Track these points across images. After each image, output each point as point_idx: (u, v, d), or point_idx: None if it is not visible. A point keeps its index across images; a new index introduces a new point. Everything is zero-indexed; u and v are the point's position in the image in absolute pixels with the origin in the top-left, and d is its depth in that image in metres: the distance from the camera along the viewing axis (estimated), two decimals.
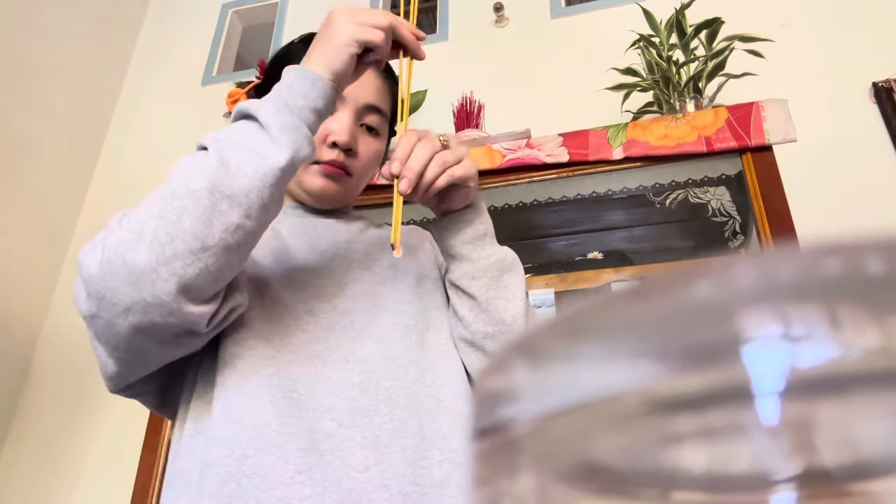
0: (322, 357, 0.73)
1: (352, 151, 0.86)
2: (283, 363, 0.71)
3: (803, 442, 0.12)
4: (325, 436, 0.67)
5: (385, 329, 0.79)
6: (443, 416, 0.74)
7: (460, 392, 0.77)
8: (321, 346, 0.74)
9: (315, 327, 0.76)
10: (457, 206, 0.82)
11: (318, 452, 0.65)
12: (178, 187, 0.63)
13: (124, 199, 2.31)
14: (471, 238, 0.82)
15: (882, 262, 0.10)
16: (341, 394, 0.71)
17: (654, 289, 0.12)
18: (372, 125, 0.89)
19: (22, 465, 1.96)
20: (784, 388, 0.11)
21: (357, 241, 0.90)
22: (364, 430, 0.69)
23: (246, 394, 0.67)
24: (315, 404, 0.69)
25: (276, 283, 0.78)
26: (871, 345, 0.11)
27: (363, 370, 0.73)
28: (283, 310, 0.75)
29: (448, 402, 0.75)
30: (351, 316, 0.78)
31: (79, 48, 2.43)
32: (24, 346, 2.08)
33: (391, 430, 0.70)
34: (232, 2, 2.71)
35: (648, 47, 1.56)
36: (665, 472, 0.13)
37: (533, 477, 0.14)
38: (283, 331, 0.74)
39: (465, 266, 0.81)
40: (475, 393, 0.15)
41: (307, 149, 0.66)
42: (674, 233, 1.61)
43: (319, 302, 0.78)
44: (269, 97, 0.68)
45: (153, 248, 0.59)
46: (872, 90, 1.72)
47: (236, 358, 0.69)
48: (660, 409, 0.12)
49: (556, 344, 0.14)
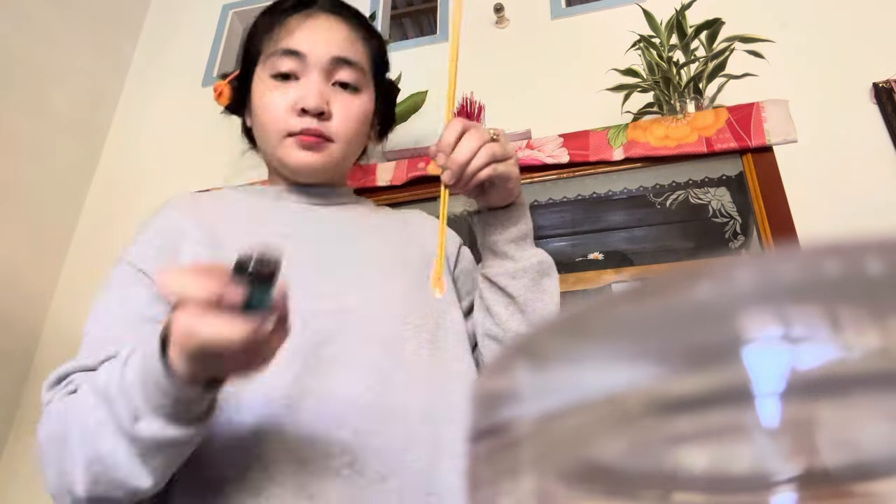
0: (331, 361, 0.69)
1: (325, 114, 0.80)
2: (292, 370, 0.66)
3: (804, 443, 0.12)
4: (340, 450, 0.64)
5: (396, 330, 0.75)
6: (455, 420, 0.71)
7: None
8: (330, 349, 0.70)
9: (322, 328, 0.71)
10: (496, 203, 0.78)
11: (333, 471, 0.62)
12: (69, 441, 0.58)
13: (125, 200, 2.31)
14: (515, 236, 0.79)
15: (882, 262, 0.10)
16: (353, 401, 0.67)
17: (654, 290, 0.12)
18: (346, 81, 0.83)
19: (23, 466, 1.96)
20: (784, 389, 0.11)
21: (362, 232, 0.86)
22: (378, 437, 0.65)
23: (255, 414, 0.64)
24: (328, 412, 0.66)
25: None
26: (871, 346, 0.11)
27: (374, 374, 0.70)
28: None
29: (460, 406, 0.72)
30: (357, 315, 0.74)
31: (79, 49, 2.43)
32: (26, 346, 2.08)
33: (404, 437, 0.67)
34: (232, 2, 2.71)
35: (649, 48, 1.56)
36: (666, 473, 0.13)
37: (534, 478, 0.14)
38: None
39: (506, 264, 0.79)
40: (475, 393, 0.15)
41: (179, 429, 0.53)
42: (674, 233, 1.61)
43: (324, 301, 0.73)
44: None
45: (51, 482, 0.58)
46: (873, 91, 1.72)
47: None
48: (661, 410, 0.12)
49: (556, 345, 0.14)
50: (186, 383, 0.50)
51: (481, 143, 0.70)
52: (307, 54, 0.80)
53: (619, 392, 0.13)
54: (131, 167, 2.42)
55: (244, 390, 0.65)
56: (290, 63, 0.81)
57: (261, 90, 0.83)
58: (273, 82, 0.82)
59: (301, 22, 0.83)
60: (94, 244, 2.28)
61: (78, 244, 2.30)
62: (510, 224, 0.79)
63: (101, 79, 2.53)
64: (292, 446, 0.63)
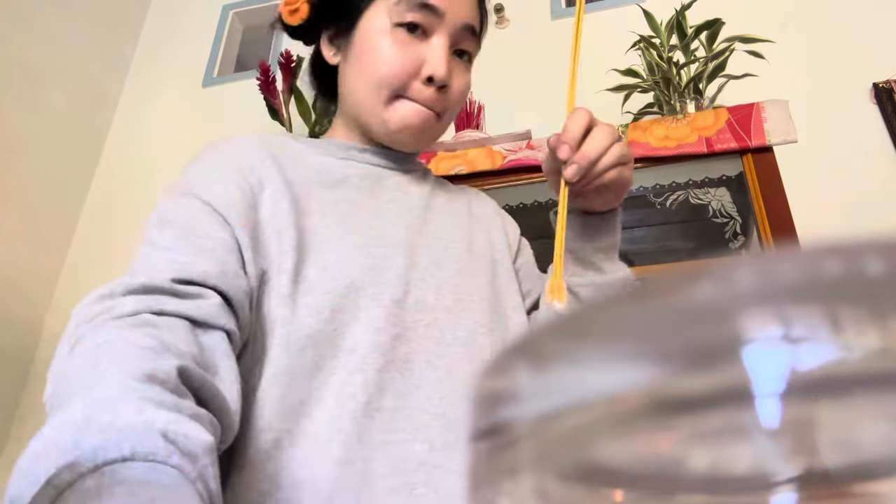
0: (406, 362, 0.61)
1: (445, 87, 0.72)
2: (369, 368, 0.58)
3: (804, 443, 0.12)
4: (417, 464, 0.56)
5: (470, 330, 0.67)
6: None
7: None
8: (405, 347, 0.62)
9: (399, 321, 0.63)
10: (599, 208, 0.72)
11: (409, 487, 0.55)
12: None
13: (125, 200, 2.31)
14: (605, 246, 0.73)
15: (882, 263, 0.10)
16: (430, 408, 0.59)
17: (654, 290, 0.12)
18: (467, 50, 0.75)
19: None
20: (785, 389, 0.11)
21: (435, 209, 0.77)
22: (456, 453, 0.58)
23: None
24: (403, 423, 0.58)
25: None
26: (871, 346, 0.11)
27: (451, 378, 0.62)
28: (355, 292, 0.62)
29: None
30: (434, 312, 0.66)
31: (79, 49, 2.43)
32: (25, 345, 2.08)
33: None
34: (233, 3, 2.71)
35: (649, 48, 1.56)
36: (666, 474, 0.13)
37: (534, 478, 0.14)
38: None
39: (592, 276, 0.72)
40: (475, 393, 0.15)
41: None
42: (674, 234, 1.61)
43: (397, 288, 0.64)
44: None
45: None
46: (873, 91, 1.72)
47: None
48: (661, 411, 0.12)
49: (556, 345, 0.14)
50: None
51: (612, 141, 0.64)
52: (445, 13, 0.71)
53: (619, 392, 0.13)
54: (131, 167, 2.42)
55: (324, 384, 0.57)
56: (423, 16, 0.70)
57: (379, 36, 0.71)
58: (399, 32, 0.71)
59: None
60: (94, 244, 2.28)
61: (78, 244, 2.30)
62: (605, 233, 0.72)
63: (101, 79, 2.53)
64: (361, 455, 0.55)
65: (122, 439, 0.35)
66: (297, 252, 0.62)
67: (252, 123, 2.29)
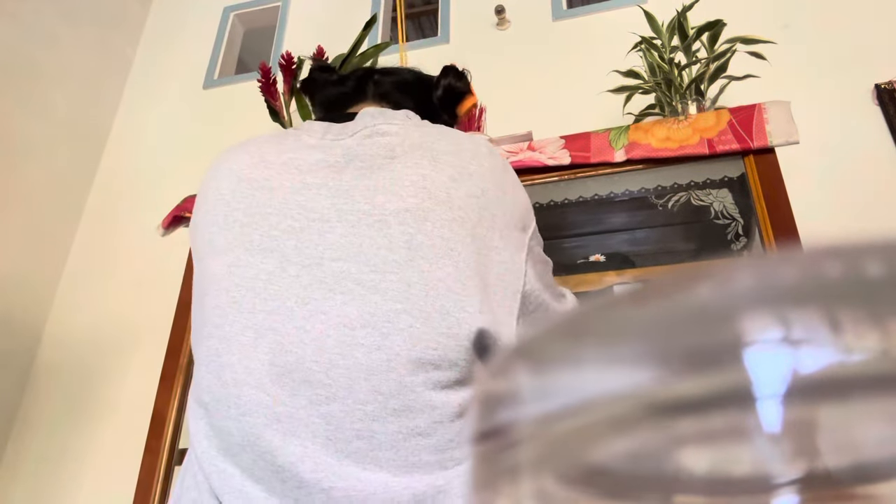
0: None
1: None
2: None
3: (805, 445, 0.12)
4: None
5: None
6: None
7: None
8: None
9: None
10: None
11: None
12: None
13: (126, 201, 2.32)
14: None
15: (881, 264, 0.10)
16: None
17: (653, 292, 0.12)
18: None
19: (24, 466, 1.96)
20: (785, 391, 0.11)
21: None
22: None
23: None
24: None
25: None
26: (871, 348, 0.11)
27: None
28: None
29: None
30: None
31: (81, 51, 2.43)
32: (27, 347, 2.08)
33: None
34: (233, 5, 2.71)
35: (650, 50, 1.56)
36: (667, 476, 0.13)
37: (534, 480, 0.14)
38: None
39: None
40: (476, 396, 0.15)
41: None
42: (676, 235, 1.61)
43: None
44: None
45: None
46: (875, 92, 1.72)
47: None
48: (661, 413, 0.12)
49: (556, 348, 0.14)
50: None
51: None
52: None
53: (619, 394, 0.13)
54: (132, 169, 2.42)
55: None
56: None
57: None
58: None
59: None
60: (96, 246, 2.29)
61: (79, 246, 2.31)
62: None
63: (102, 81, 2.54)
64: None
65: None
66: None
67: (253, 125, 2.29)
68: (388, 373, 0.57)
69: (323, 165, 0.67)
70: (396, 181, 0.64)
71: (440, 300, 0.59)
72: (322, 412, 0.56)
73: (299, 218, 0.64)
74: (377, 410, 0.56)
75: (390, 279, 0.59)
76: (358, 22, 2.21)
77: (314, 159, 0.67)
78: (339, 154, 0.68)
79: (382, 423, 0.56)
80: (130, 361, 2.00)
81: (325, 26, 2.49)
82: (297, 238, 0.63)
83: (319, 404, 0.56)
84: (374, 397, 0.56)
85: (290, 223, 0.63)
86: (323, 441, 0.56)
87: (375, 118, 0.71)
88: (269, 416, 0.56)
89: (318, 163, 0.67)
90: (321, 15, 2.55)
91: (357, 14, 2.43)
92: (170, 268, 1.80)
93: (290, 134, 0.72)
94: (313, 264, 0.61)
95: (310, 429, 0.56)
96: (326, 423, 0.56)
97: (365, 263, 0.60)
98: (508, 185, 0.71)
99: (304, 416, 0.56)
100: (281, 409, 0.56)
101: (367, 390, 0.57)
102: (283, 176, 0.66)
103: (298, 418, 0.56)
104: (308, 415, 0.56)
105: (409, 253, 0.60)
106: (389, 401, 0.57)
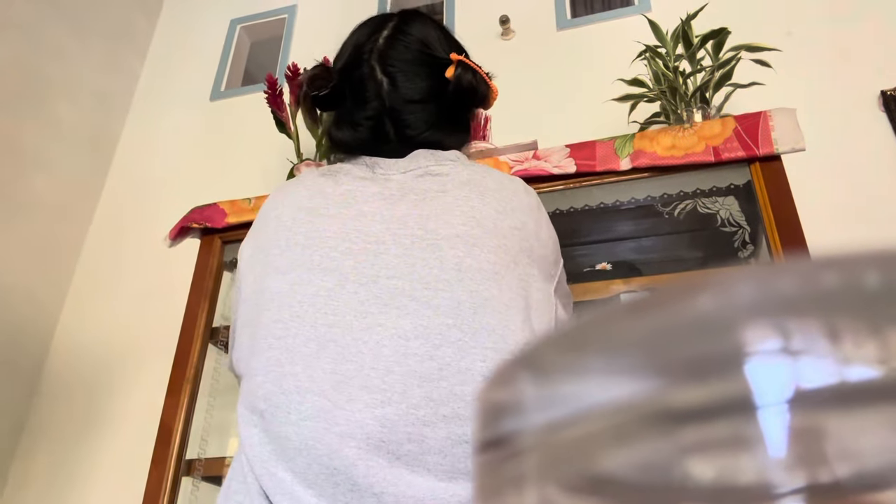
0: None
1: None
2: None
3: (808, 454, 0.12)
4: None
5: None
6: None
7: None
8: None
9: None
10: None
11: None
12: None
13: (134, 214, 2.33)
14: None
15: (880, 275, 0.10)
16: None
17: (654, 303, 0.12)
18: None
19: (32, 479, 1.97)
20: (788, 400, 0.11)
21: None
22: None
23: None
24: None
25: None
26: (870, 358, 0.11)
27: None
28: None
29: None
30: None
31: (89, 64, 2.45)
32: (34, 360, 2.09)
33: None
34: (240, 17, 2.74)
35: (655, 58, 1.56)
36: (671, 485, 0.13)
37: (539, 489, 0.14)
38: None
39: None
40: (479, 405, 0.15)
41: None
42: (683, 243, 1.60)
43: None
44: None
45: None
46: (881, 98, 1.72)
47: None
48: (664, 422, 0.12)
49: (559, 357, 0.14)
50: None
51: None
52: None
53: (622, 403, 0.13)
54: (140, 181, 2.44)
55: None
56: None
57: None
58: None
59: None
60: (103, 257, 2.30)
61: (87, 259, 2.32)
62: None
63: (110, 93, 2.56)
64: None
65: None
66: None
67: (260, 136, 2.31)
68: (439, 381, 0.62)
69: (378, 198, 0.73)
70: (448, 211, 0.71)
71: (486, 318, 0.65)
72: (377, 415, 0.61)
73: (356, 241, 0.70)
74: (428, 416, 0.61)
75: (442, 296, 0.65)
76: None
77: (370, 192, 0.74)
78: (393, 188, 0.74)
79: (433, 428, 0.60)
80: (137, 373, 2.00)
81: (330, 38, 2.50)
82: (355, 258, 0.68)
83: (375, 407, 0.61)
84: (427, 403, 0.61)
85: (347, 245, 0.69)
86: (376, 443, 0.60)
87: (428, 160, 0.77)
88: (328, 421, 0.61)
89: (374, 195, 0.73)
90: (327, 26, 2.56)
91: None
92: (177, 280, 1.81)
93: (342, 170, 0.78)
94: (370, 282, 0.67)
95: (364, 430, 0.60)
96: (381, 426, 0.60)
97: (418, 281, 0.66)
98: (543, 222, 0.80)
99: (360, 418, 0.61)
100: (339, 413, 0.61)
101: (420, 396, 0.61)
102: (341, 205, 0.73)
103: (355, 421, 0.61)
104: (364, 417, 0.61)
105: (459, 274, 0.66)
106: (440, 407, 0.61)
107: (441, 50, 0.86)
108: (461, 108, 0.86)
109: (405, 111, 0.80)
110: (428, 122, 0.81)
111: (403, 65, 0.82)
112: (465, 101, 0.85)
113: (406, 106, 0.80)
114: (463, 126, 0.88)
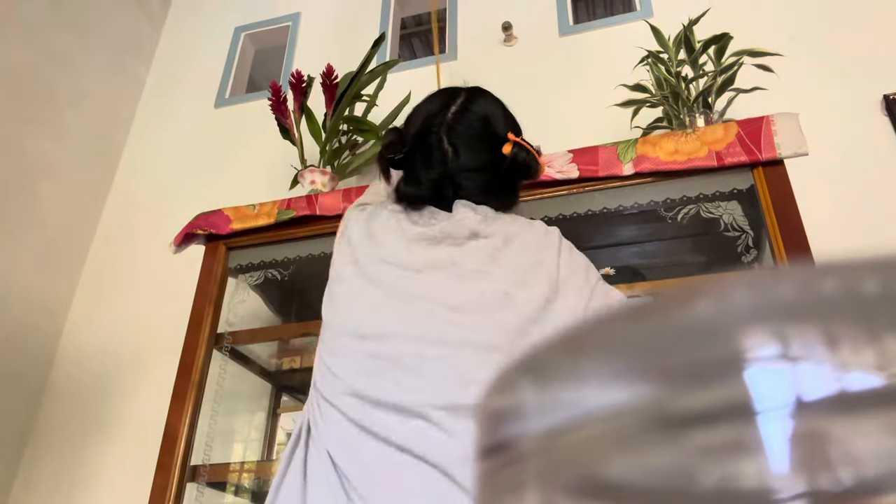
0: None
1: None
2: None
3: (808, 458, 0.12)
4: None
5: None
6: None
7: None
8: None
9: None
10: None
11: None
12: None
13: (138, 220, 2.34)
14: None
15: (877, 282, 0.11)
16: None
17: (653, 308, 0.13)
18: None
19: (37, 482, 1.97)
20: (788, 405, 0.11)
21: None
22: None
23: None
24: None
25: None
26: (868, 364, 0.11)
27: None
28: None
29: None
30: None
31: (94, 72, 2.47)
32: (40, 366, 2.09)
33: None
34: (244, 25, 2.75)
35: (657, 63, 1.56)
36: (672, 489, 0.13)
37: (540, 494, 0.14)
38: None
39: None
40: (481, 412, 0.15)
41: None
42: (686, 248, 1.60)
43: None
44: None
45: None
46: (884, 102, 1.72)
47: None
48: (664, 426, 0.12)
49: (559, 363, 0.14)
50: None
51: None
52: None
53: (622, 408, 0.13)
54: (145, 187, 2.44)
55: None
56: None
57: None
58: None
59: None
60: (109, 264, 2.30)
61: (92, 264, 2.32)
62: None
63: (115, 101, 2.57)
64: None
65: None
66: None
67: (264, 143, 2.31)
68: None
69: (423, 237, 0.88)
70: (476, 252, 0.85)
71: (512, 335, 0.79)
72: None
73: (401, 264, 0.86)
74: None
75: (472, 315, 0.80)
76: (366, 40, 2.23)
77: (416, 231, 0.89)
78: (436, 231, 0.88)
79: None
80: (143, 379, 2.01)
81: (334, 45, 2.51)
82: (398, 278, 0.85)
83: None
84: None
85: (393, 268, 0.86)
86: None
87: (466, 212, 0.90)
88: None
89: (420, 235, 0.88)
90: (330, 34, 2.57)
91: (365, 32, 2.45)
92: (182, 285, 1.81)
93: (402, 211, 0.94)
94: (410, 300, 0.82)
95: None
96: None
97: (444, 303, 0.81)
98: (564, 250, 0.93)
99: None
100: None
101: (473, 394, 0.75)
102: (393, 237, 0.89)
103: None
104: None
105: (482, 300, 0.80)
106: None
107: (500, 128, 0.98)
108: (513, 180, 0.98)
109: (463, 177, 0.93)
110: (481, 188, 0.94)
111: (466, 140, 0.94)
112: (519, 175, 0.97)
113: (464, 173, 0.93)
114: (512, 194, 1.00)
